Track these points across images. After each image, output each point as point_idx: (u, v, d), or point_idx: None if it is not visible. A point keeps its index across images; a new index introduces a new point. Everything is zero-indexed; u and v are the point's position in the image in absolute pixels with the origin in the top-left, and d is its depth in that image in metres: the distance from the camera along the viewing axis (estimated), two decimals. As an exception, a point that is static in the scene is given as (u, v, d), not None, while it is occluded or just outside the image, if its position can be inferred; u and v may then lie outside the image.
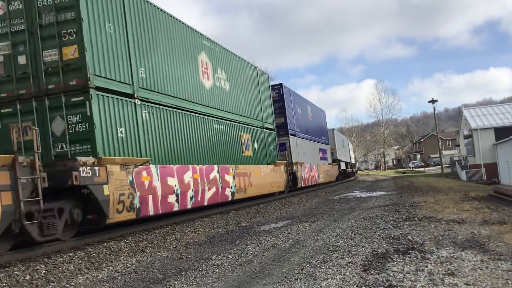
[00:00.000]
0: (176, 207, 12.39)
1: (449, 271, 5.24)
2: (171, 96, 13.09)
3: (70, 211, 8.93)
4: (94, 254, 8.17)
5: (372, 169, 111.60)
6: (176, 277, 6.20)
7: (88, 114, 9.66)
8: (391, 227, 9.12)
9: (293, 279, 5.49)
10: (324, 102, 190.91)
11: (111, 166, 9.71)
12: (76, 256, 7.97)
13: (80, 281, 6.57)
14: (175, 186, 12.35)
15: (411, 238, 7.54)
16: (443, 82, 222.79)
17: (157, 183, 11.51)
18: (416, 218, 10.04)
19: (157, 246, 9.22)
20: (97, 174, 9.24)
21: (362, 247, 7.13)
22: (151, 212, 11.21)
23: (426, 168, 79.20)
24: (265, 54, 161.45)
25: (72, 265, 7.44)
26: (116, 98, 10.55)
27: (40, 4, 9.89)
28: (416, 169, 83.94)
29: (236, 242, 8.85)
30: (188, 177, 13.12)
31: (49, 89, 9.86)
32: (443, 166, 58.69)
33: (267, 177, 20.23)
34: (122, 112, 10.69)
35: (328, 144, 39.15)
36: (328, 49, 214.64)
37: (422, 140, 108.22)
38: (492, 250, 6.29)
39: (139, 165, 10.71)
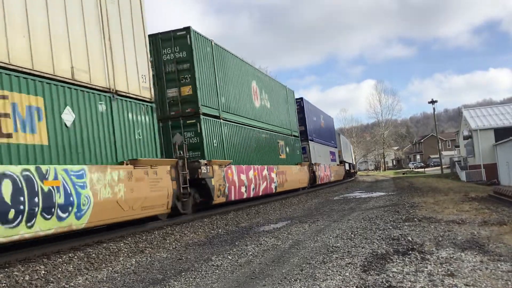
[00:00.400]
0: (244, 195, 17.32)
1: (449, 272, 5.23)
2: (239, 115, 18.05)
3: (194, 195, 13.85)
4: (93, 255, 8.24)
5: (372, 170, 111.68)
6: (175, 278, 6.19)
7: (199, 131, 14.58)
8: (391, 227, 9.09)
9: (293, 280, 5.50)
10: (324, 103, 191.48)
11: (214, 166, 14.64)
12: (76, 257, 8.04)
13: (79, 281, 6.55)
14: (245, 180, 17.27)
15: (411, 239, 7.52)
16: (443, 82, 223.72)
17: (236, 177, 16.42)
18: (416, 219, 10.00)
19: (157, 246, 9.22)
20: (208, 171, 14.16)
21: (362, 248, 7.13)
22: (232, 198, 16.12)
23: (425, 169, 79.50)
24: (265, 54, 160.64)
25: (71, 266, 7.47)
26: (211, 119, 15.47)
27: (165, 58, 14.82)
28: (416, 170, 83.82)
29: (236, 243, 8.83)
30: (251, 174, 18.05)
31: (171, 114, 14.76)
32: (443, 166, 58.89)
33: (296, 175, 25.20)
34: (214, 129, 15.62)
35: (336, 147, 44.08)
36: (328, 49, 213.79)
37: (422, 140, 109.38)
38: (492, 251, 6.28)
39: (227, 165, 15.62)
